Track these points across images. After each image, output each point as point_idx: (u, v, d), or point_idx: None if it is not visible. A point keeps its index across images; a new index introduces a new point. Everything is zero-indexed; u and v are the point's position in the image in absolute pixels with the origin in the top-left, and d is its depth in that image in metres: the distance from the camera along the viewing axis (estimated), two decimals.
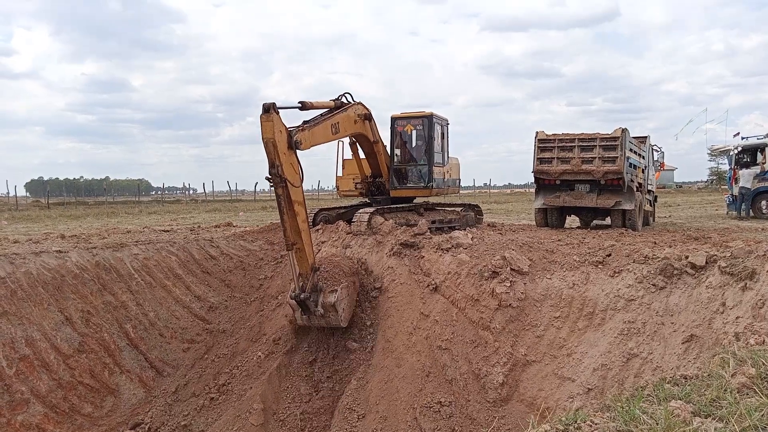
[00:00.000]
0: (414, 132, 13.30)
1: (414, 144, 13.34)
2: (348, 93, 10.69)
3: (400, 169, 13.10)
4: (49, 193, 49.29)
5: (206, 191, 53.01)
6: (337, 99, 10.34)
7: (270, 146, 7.65)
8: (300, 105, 8.94)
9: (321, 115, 9.61)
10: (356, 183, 13.29)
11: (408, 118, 13.18)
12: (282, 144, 7.86)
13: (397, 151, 13.19)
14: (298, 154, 8.27)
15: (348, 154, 13.48)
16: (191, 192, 63.82)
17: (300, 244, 8.22)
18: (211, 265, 11.48)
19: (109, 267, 9.96)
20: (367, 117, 11.48)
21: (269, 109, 7.67)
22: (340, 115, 10.19)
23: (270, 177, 7.76)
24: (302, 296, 8.35)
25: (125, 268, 10.16)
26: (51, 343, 8.64)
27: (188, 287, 10.87)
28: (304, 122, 8.97)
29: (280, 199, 7.84)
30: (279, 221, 8.86)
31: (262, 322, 10.72)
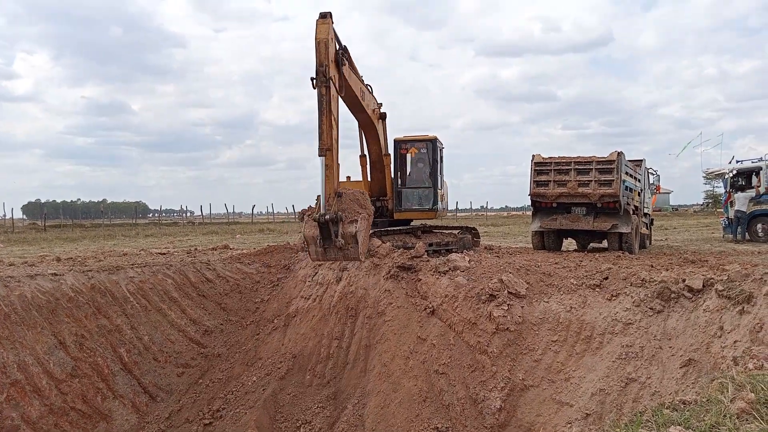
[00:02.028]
0: (418, 155, 13.47)
1: (419, 167, 13.50)
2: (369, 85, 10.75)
3: (405, 191, 13.19)
4: (46, 216, 49.20)
5: (204, 214, 53.02)
6: None
7: (322, 46, 7.88)
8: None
9: None
10: None
11: (412, 141, 13.36)
12: (331, 49, 8.04)
13: (401, 173, 13.28)
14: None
15: (342, 176, 13.52)
16: (188, 214, 63.85)
17: (332, 154, 8.16)
18: (207, 288, 11.41)
19: (104, 290, 9.89)
20: (383, 117, 11.67)
21: (327, 15, 8.08)
22: (368, 91, 10.41)
23: (315, 76, 7.89)
24: (328, 216, 8.09)
25: (120, 291, 10.09)
26: (43, 368, 8.52)
27: (184, 310, 10.78)
28: None
29: (321, 99, 7.90)
30: (275, 244, 8.87)
31: (258, 346, 10.62)
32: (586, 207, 12.86)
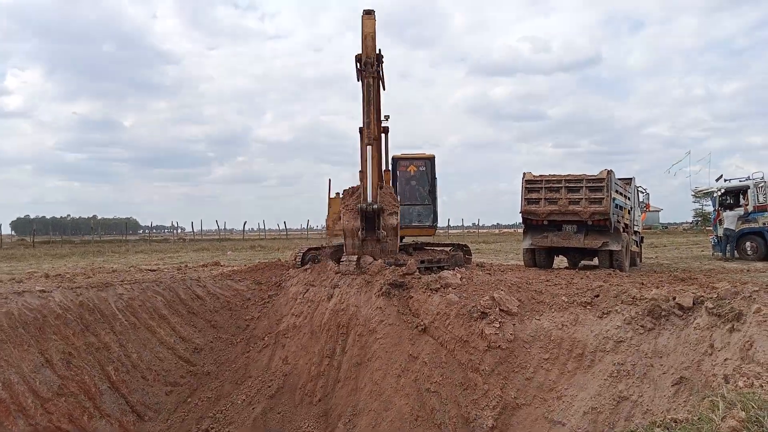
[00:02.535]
0: (417, 172, 13.62)
1: (418, 184, 13.61)
2: None
3: (404, 208, 13.31)
4: (35, 232, 48.76)
5: (195, 230, 52.75)
6: None
7: (369, 39, 8.61)
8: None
9: None
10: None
11: (411, 159, 13.52)
12: (376, 43, 8.76)
13: (400, 191, 13.39)
14: None
15: (333, 193, 13.58)
16: (179, 231, 63.48)
17: (378, 144, 8.33)
18: (197, 306, 11.32)
19: (92, 307, 9.78)
20: (385, 130, 11.83)
21: (371, 12, 8.80)
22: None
23: (363, 68, 8.53)
24: (376, 206, 8.07)
25: (109, 309, 9.99)
26: (29, 386, 8.38)
27: (173, 328, 10.68)
28: None
29: (369, 90, 8.48)
30: (266, 261, 8.87)
31: (248, 364, 10.52)
32: (576, 225, 12.93)
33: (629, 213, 14.60)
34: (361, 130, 12.13)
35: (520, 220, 13.98)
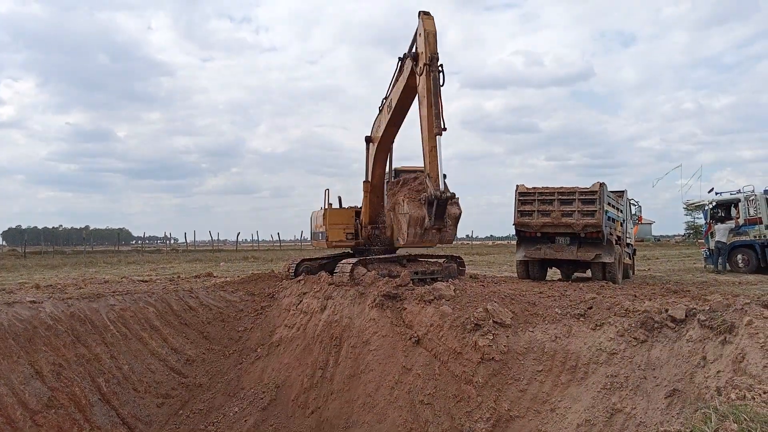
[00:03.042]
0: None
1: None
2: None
3: None
4: (27, 242, 48.41)
5: (187, 241, 52.57)
6: None
7: (432, 37, 8.85)
8: None
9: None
10: (347, 233, 13.21)
11: (411, 171, 13.60)
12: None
13: None
14: None
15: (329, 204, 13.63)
16: (172, 242, 63.21)
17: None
18: (189, 317, 11.26)
19: (83, 318, 9.71)
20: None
21: (428, 13, 9.27)
22: None
23: (430, 63, 8.79)
24: (449, 194, 8.14)
25: (101, 320, 9.92)
26: (18, 398, 8.29)
27: (165, 339, 10.60)
28: None
29: (437, 84, 8.76)
30: (259, 272, 8.88)
31: (240, 376, 10.45)
32: (569, 237, 12.99)
33: (621, 225, 14.69)
34: (367, 138, 12.42)
35: (514, 232, 14.04)
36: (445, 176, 8.70)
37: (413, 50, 9.48)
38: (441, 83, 9.06)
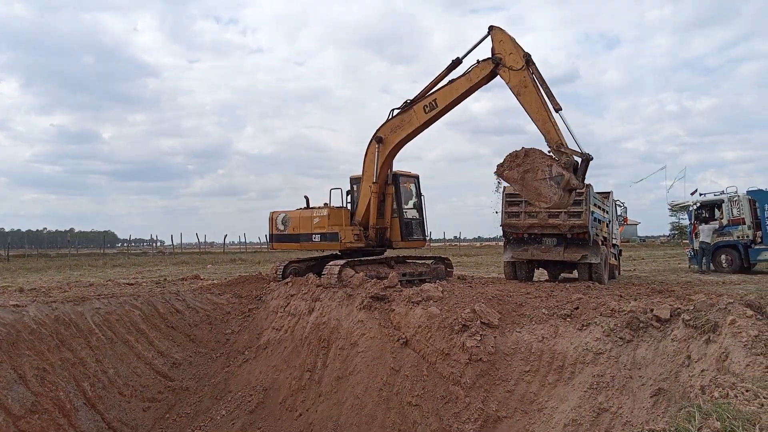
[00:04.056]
0: (411, 188, 14.28)
1: (413, 200, 14.00)
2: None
3: (408, 222, 13.81)
4: (10, 245, 47.74)
5: (174, 243, 52.14)
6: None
7: (516, 41, 10.62)
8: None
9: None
10: (354, 234, 13.13)
11: (407, 176, 13.94)
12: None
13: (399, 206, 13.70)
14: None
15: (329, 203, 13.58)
16: (159, 244, 62.66)
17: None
18: (176, 320, 11.17)
19: (68, 322, 9.59)
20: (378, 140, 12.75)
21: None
22: None
23: (529, 58, 10.49)
24: (592, 156, 10.05)
25: (85, 323, 9.80)
26: (0, 404, 8.16)
27: (151, 342, 10.51)
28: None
29: (539, 72, 10.46)
30: (247, 274, 8.86)
31: (228, 379, 10.39)
32: (556, 238, 13.08)
33: (607, 226, 14.81)
34: (378, 139, 12.74)
35: (501, 234, 14.12)
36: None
37: (494, 55, 10.96)
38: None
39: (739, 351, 5.34)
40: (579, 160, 10.04)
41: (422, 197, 14.24)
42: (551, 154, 10.17)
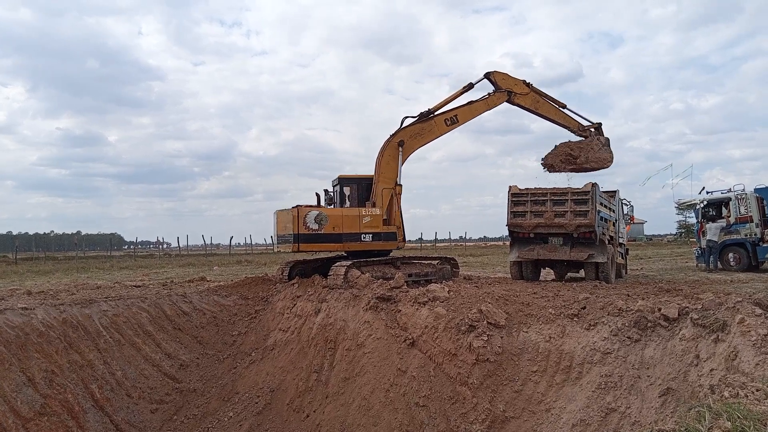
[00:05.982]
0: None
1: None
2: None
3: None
4: (18, 248, 48.02)
5: (180, 245, 52.28)
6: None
7: (512, 76, 14.70)
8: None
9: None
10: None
11: (356, 179, 14.31)
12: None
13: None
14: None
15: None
16: (165, 246, 62.87)
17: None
18: (183, 321, 11.20)
19: (76, 324, 9.64)
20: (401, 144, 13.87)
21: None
22: None
23: (529, 85, 14.63)
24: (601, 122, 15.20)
25: (93, 326, 9.85)
26: (10, 406, 8.21)
27: (158, 344, 10.55)
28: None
29: (540, 91, 14.66)
30: (253, 276, 8.88)
31: (235, 380, 10.41)
32: (562, 237, 13.01)
33: (614, 225, 14.75)
34: (401, 143, 13.56)
35: (507, 233, 14.07)
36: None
37: (501, 88, 14.59)
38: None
39: (748, 350, 5.30)
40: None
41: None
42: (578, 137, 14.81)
